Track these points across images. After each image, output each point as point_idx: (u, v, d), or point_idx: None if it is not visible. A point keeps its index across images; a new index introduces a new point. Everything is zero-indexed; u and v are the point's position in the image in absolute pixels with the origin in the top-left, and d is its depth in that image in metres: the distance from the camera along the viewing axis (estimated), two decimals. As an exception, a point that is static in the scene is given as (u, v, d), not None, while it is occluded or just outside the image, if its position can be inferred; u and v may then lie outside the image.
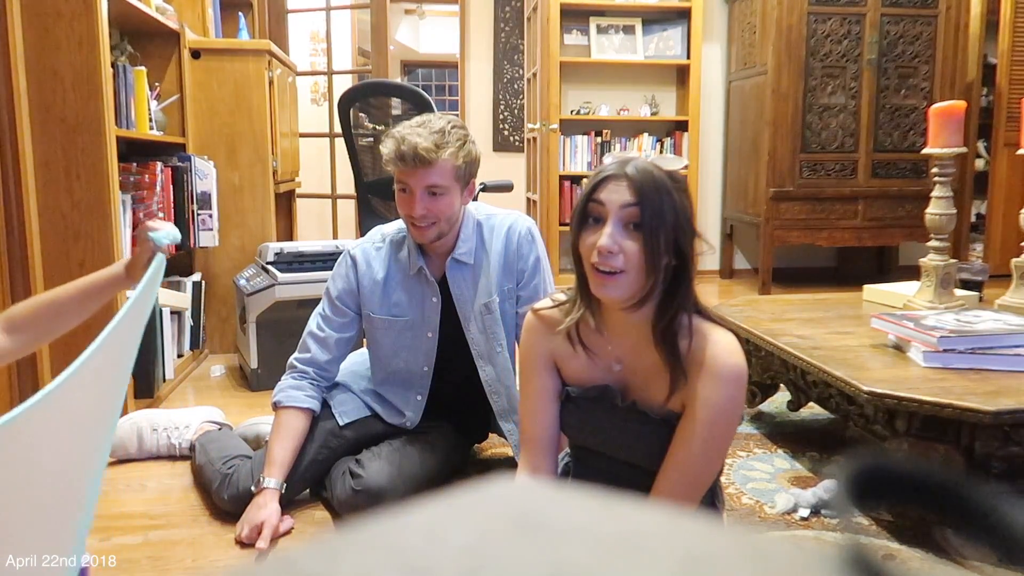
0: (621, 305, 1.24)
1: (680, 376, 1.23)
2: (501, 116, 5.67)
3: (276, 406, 1.85)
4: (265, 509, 1.68)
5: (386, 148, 1.71)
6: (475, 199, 1.91)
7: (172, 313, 2.82)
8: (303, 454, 1.82)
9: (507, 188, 3.20)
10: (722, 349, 1.21)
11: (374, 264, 1.88)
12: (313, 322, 1.92)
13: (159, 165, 2.75)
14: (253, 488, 1.74)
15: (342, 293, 1.89)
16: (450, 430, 1.97)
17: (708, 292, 4.65)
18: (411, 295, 1.87)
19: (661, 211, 1.18)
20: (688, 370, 1.22)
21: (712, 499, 1.42)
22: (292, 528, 1.74)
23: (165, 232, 1.24)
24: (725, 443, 1.25)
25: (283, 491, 1.75)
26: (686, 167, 1.27)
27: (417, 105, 3.04)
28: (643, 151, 4.85)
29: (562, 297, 1.38)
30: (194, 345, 3.04)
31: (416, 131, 1.69)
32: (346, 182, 3.96)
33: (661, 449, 1.25)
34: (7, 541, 0.78)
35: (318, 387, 1.90)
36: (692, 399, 1.22)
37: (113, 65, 2.43)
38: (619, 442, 1.32)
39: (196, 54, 3.09)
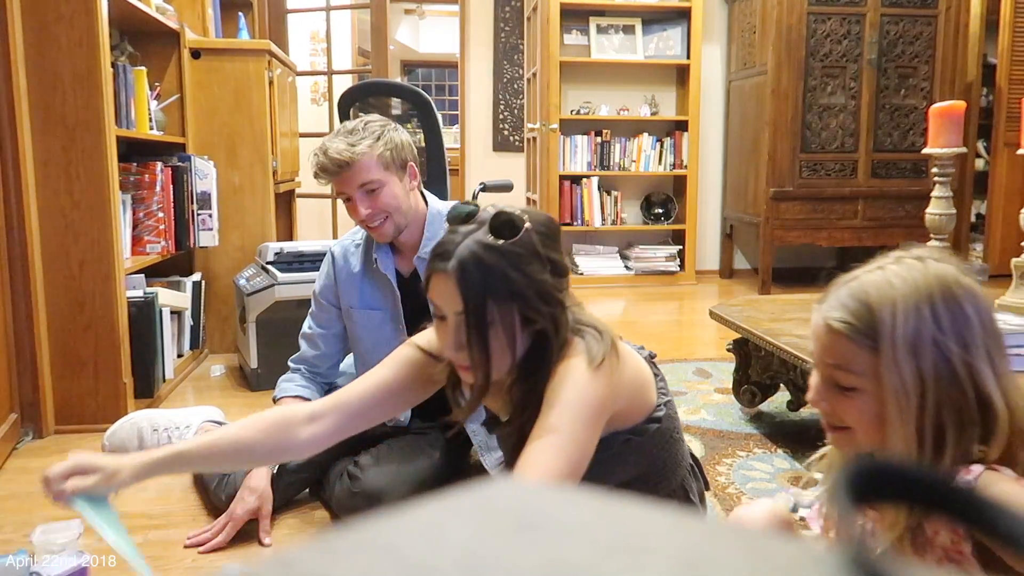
0: (478, 389, 1.16)
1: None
2: (501, 116, 5.67)
3: (273, 403, 1.88)
4: (256, 494, 1.69)
5: (312, 165, 1.75)
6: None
7: (172, 313, 2.82)
8: (302, 453, 1.83)
9: (507, 188, 3.20)
10: (563, 363, 1.13)
11: (351, 260, 1.91)
12: (304, 322, 1.98)
13: (159, 165, 2.75)
14: None
15: (323, 289, 1.93)
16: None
17: (708, 292, 4.66)
18: (382, 289, 1.89)
19: (490, 306, 1.08)
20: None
21: (686, 493, 1.40)
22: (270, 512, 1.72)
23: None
24: (565, 420, 1.08)
25: (275, 471, 1.75)
26: (527, 231, 1.11)
27: (417, 105, 3.04)
28: (643, 151, 4.84)
29: None
30: (194, 345, 3.04)
31: (330, 140, 1.73)
32: (346, 182, 3.95)
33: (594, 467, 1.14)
34: None
35: (311, 380, 1.92)
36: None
37: (113, 65, 2.43)
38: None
39: (196, 54, 3.09)
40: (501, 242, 1.08)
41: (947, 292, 0.86)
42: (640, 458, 1.29)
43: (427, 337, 1.30)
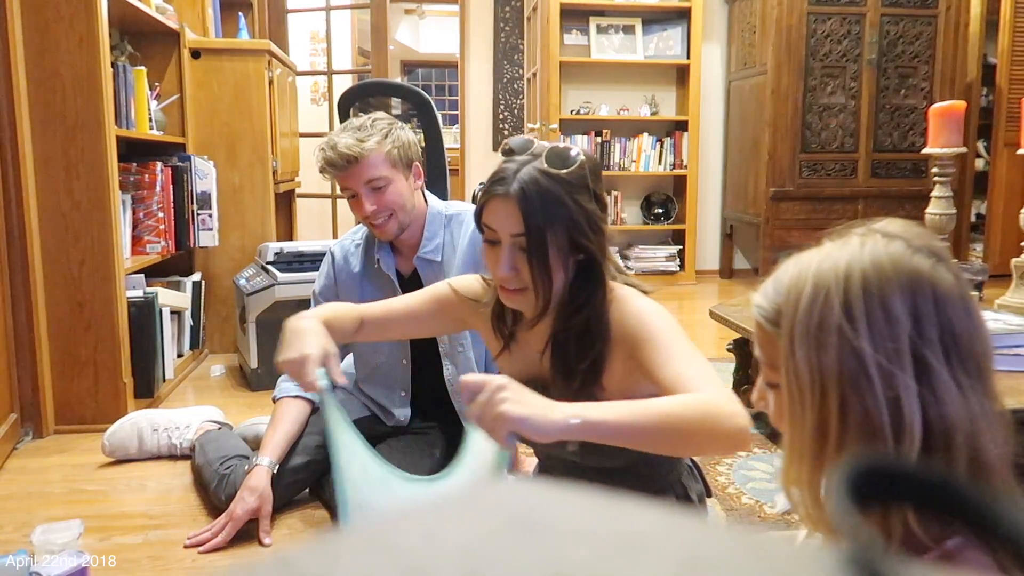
0: (535, 312, 1.20)
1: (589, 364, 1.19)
2: (501, 116, 5.67)
3: (273, 403, 1.89)
4: (256, 494, 1.69)
5: (317, 160, 1.73)
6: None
7: (172, 313, 2.82)
8: (302, 453, 1.83)
9: (507, 188, 3.19)
10: (618, 302, 1.20)
11: (351, 259, 1.91)
12: None
13: (159, 165, 2.75)
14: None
15: (323, 289, 1.93)
16: (449, 431, 1.97)
17: (708, 292, 4.65)
18: (383, 289, 1.88)
19: (548, 229, 1.13)
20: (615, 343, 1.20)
21: (685, 492, 1.39)
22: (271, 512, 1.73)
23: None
24: (678, 338, 1.18)
25: (274, 471, 1.75)
26: (581, 163, 1.18)
27: (417, 105, 3.04)
28: (643, 151, 4.84)
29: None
30: (194, 345, 3.04)
31: (338, 135, 1.72)
32: (346, 182, 3.95)
33: (596, 446, 1.11)
34: None
35: None
36: (633, 350, 1.18)
37: (113, 65, 2.43)
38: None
39: (196, 54, 3.09)
40: (557, 171, 1.15)
41: (870, 279, 0.69)
42: None
43: (463, 282, 1.38)
